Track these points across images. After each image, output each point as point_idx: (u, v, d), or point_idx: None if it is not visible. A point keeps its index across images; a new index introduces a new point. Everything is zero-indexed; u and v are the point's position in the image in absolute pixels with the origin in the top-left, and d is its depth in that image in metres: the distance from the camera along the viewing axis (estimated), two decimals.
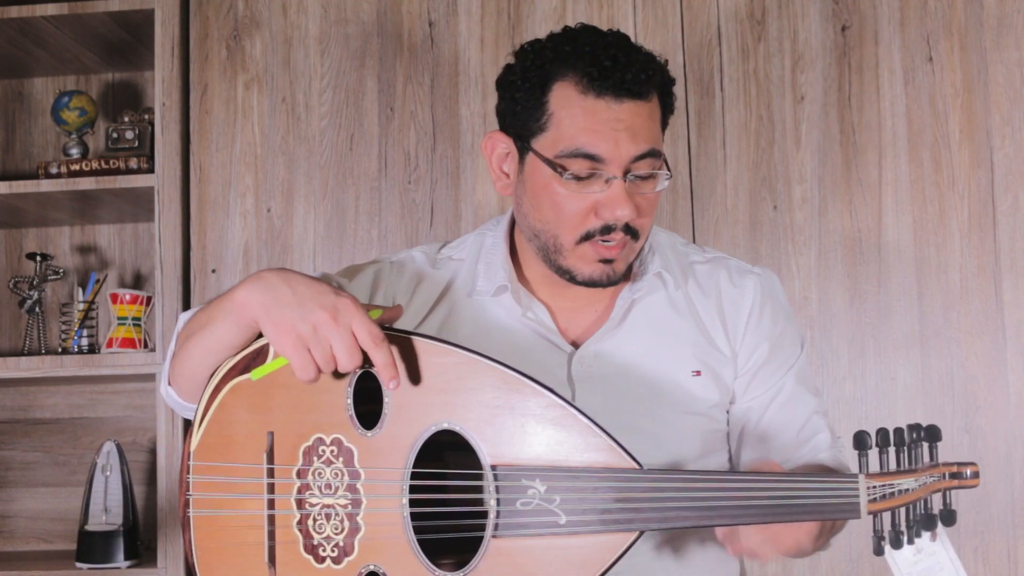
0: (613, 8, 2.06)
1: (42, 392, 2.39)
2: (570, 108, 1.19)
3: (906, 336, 1.94)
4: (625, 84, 1.17)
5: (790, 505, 1.04)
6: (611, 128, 1.17)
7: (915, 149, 1.97)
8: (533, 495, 1.07)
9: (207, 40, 2.15)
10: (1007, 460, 1.90)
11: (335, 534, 1.10)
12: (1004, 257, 1.94)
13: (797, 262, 1.98)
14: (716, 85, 2.03)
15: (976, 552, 1.90)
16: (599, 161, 1.18)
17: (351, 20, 2.13)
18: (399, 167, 2.08)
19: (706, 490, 1.05)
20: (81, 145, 2.25)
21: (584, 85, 1.18)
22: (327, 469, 1.12)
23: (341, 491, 1.11)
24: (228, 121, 2.13)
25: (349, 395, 1.12)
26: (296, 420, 1.13)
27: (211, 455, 1.15)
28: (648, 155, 1.19)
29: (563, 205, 1.20)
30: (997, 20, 1.97)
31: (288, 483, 1.12)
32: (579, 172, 1.18)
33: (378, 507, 1.09)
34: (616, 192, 1.18)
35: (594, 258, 1.22)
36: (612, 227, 1.19)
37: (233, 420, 1.15)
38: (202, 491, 1.15)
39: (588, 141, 1.17)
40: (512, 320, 1.29)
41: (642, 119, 1.19)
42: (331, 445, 1.12)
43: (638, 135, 1.18)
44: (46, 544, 2.35)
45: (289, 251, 2.09)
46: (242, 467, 1.14)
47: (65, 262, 2.40)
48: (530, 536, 1.07)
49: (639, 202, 1.20)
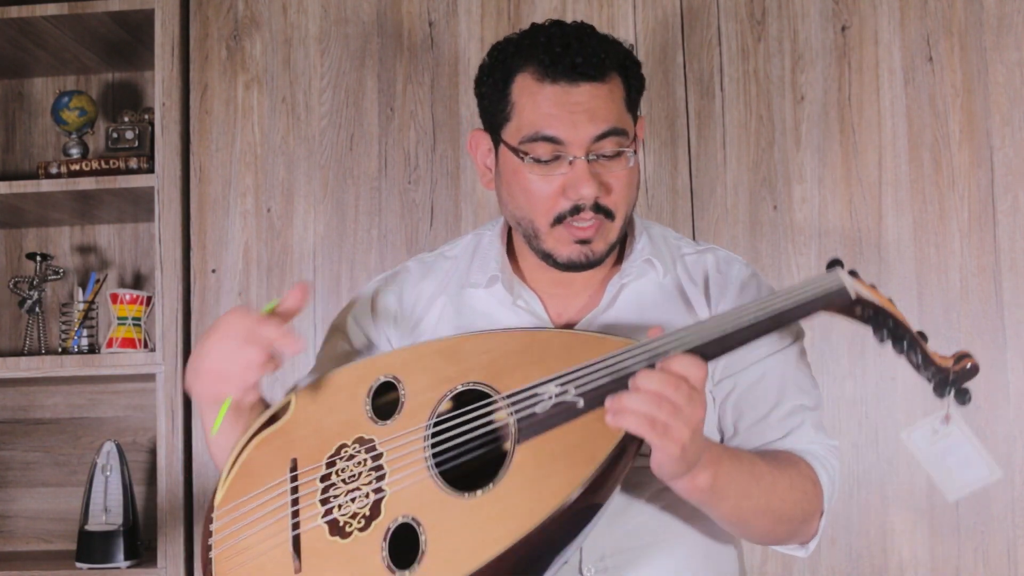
0: (613, 8, 2.06)
1: (42, 392, 2.39)
2: (529, 96, 1.24)
3: None
4: (578, 67, 1.22)
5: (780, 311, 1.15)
6: (569, 111, 1.22)
7: (915, 149, 1.97)
8: (547, 395, 1.09)
9: (207, 40, 2.15)
10: (1007, 460, 1.90)
11: (360, 509, 1.09)
12: (1004, 257, 1.94)
13: (797, 262, 1.98)
14: (716, 85, 2.03)
15: (976, 552, 1.90)
16: (560, 143, 1.22)
17: (351, 20, 2.13)
18: (399, 167, 2.08)
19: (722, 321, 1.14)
20: (81, 145, 2.25)
21: (540, 73, 1.23)
22: (350, 463, 1.12)
23: (365, 473, 1.11)
24: (228, 121, 2.13)
25: (368, 403, 1.15)
26: (319, 442, 1.14)
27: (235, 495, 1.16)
28: (610, 134, 1.23)
29: (532, 190, 1.24)
30: (997, 20, 1.97)
31: (312, 490, 1.12)
32: (541, 155, 1.23)
33: (400, 464, 1.09)
34: (579, 172, 1.22)
35: (570, 240, 1.25)
36: (581, 207, 1.23)
37: (256, 462, 1.16)
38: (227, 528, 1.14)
39: (547, 124, 1.22)
40: (504, 309, 1.31)
41: (601, 100, 1.23)
42: (353, 444, 1.13)
43: (597, 115, 1.22)
44: (46, 544, 2.35)
45: (289, 251, 2.09)
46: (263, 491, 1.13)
47: (65, 262, 2.40)
48: (552, 429, 1.08)
49: (607, 181, 1.24)
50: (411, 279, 1.40)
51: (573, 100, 1.22)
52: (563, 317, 1.32)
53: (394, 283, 1.40)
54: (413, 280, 1.39)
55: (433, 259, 1.42)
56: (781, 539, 1.25)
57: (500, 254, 1.35)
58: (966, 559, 1.89)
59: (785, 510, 1.19)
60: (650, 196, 2.01)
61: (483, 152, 1.33)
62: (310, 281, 2.08)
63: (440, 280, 1.38)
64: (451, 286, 1.36)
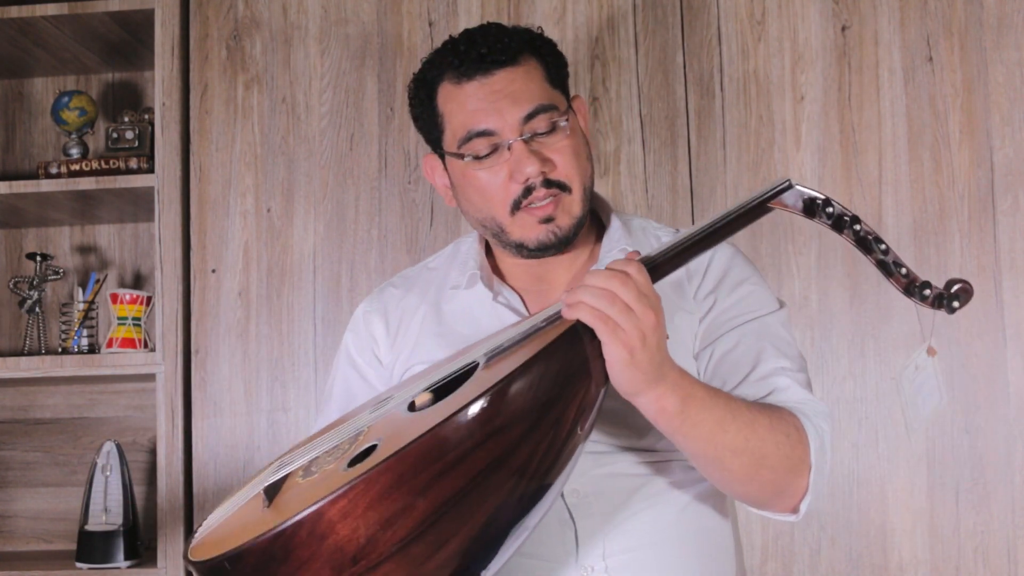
0: (613, 8, 2.06)
1: (42, 392, 2.39)
2: (452, 100, 1.28)
3: (906, 336, 1.94)
4: (485, 58, 1.26)
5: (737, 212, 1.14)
6: (490, 101, 1.25)
7: (915, 149, 1.97)
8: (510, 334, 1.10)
9: (207, 40, 2.15)
10: (1007, 460, 1.90)
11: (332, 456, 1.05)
12: (1004, 257, 1.94)
13: (797, 262, 1.98)
14: (716, 85, 2.03)
15: (976, 552, 1.90)
16: (492, 134, 1.25)
17: (351, 20, 2.13)
18: (399, 167, 2.08)
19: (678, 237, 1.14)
20: (81, 145, 2.25)
21: (455, 76, 1.28)
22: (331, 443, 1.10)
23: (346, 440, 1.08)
24: (228, 121, 2.13)
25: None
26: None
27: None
28: (538, 111, 1.26)
29: (483, 186, 1.27)
30: (997, 20, 1.97)
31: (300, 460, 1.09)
32: (480, 151, 1.26)
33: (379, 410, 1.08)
34: (518, 154, 1.24)
35: (533, 222, 1.26)
36: (531, 187, 1.25)
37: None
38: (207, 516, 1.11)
39: (475, 120, 1.26)
40: (484, 307, 1.33)
41: (519, 82, 1.27)
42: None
43: (519, 97, 1.26)
44: (46, 544, 2.35)
45: (289, 251, 2.09)
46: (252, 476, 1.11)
47: (65, 262, 2.40)
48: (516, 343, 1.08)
49: (549, 156, 1.25)
50: (394, 298, 1.42)
51: (492, 89, 1.26)
52: None
53: (378, 302, 1.43)
54: (396, 299, 1.42)
55: (416, 272, 1.46)
56: (766, 491, 1.17)
57: (479, 255, 1.37)
58: (966, 559, 1.89)
59: (766, 451, 1.13)
60: (650, 196, 2.01)
61: (439, 173, 1.37)
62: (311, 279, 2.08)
63: (421, 290, 1.41)
64: (430, 293, 1.39)
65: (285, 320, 2.08)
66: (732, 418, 1.11)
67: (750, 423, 1.12)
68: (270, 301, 2.08)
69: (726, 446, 1.11)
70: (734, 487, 1.18)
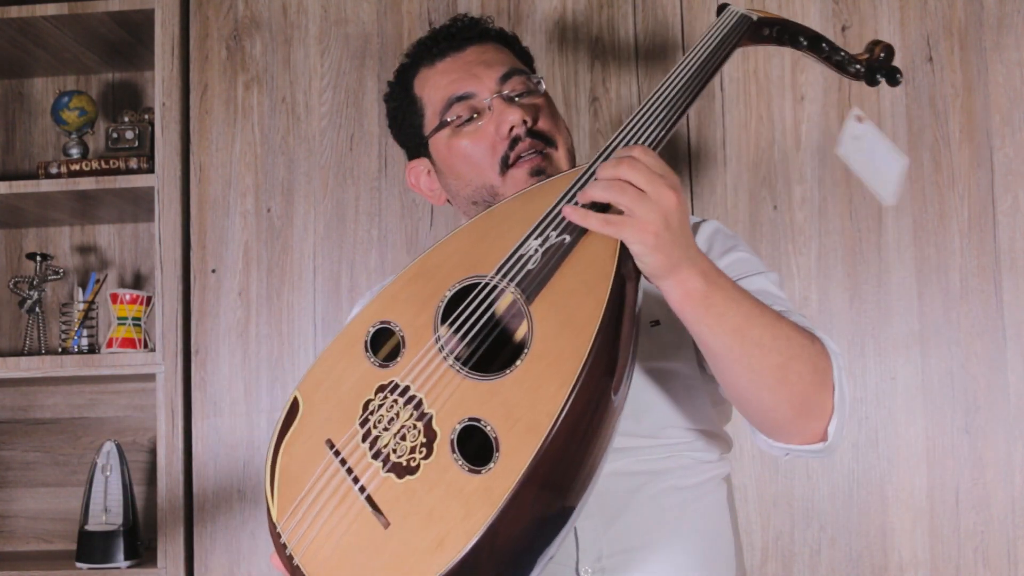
0: (613, 8, 2.06)
1: (42, 392, 2.39)
2: (429, 81, 1.33)
3: (906, 336, 1.94)
4: (456, 35, 1.33)
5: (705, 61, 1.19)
6: (465, 70, 1.30)
7: (915, 149, 1.97)
8: (532, 250, 1.08)
9: (207, 40, 2.15)
10: (1007, 460, 1.90)
11: (415, 441, 1.05)
12: (1004, 257, 1.94)
13: (797, 262, 1.98)
14: (716, 85, 2.03)
15: (976, 552, 1.90)
16: (472, 97, 1.29)
17: (351, 20, 2.13)
18: (399, 167, 2.08)
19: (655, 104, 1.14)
20: (81, 145, 2.25)
21: (429, 59, 1.34)
22: (383, 411, 1.08)
23: (402, 410, 1.07)
24: (228, 121, 2.13)
25: (369, 356, 1.11)
26: (342, 413, 1.11)
27: (289, 500, 1.11)
28: (512, 73, 1.31)
29: (470, 152, 1.29)
30: (997, 20, 1.97)
31: (360, 452, 1.07)
32: (462, 114, 1.29)
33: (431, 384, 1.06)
34: (499, 107, 1.28)
35: (524, 176, 1.27)
36: (517, 137, 1.27)
37: (294, 467, 1.11)
38: (298, 531, 1.08)
39: (453, 88, 1.30)
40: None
41: (489, 53, 1.33)
42: (377, 395, 1.09)
43: (492, 63, 1.31)
44: (46, 544, 2.35)
45: (289, 251, 2.09)
46: (316, 480, 1.08)
47: (65, 262, 2.40)
48: (553, 275, 1.06)
49: (527, 110, 1.28)
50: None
51: (465, 60, 1.31)
52: None
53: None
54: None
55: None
56: (795, 402, 1.10)
57: None
58: (966, 559, 1.90)
59: (793, 353, 1.07)
60: None
61: (424, 178, 1.39)
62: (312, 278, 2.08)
63: None
64: None
65: (285, 320, 2.08)
66: (759, 313, 1.06)
67: (776, 322, 1.07)
68: (270, 301, 2.08)
69: (753, 340, 1.05)
70: (763, 396, 1.10)
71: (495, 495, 0.95)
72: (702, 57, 1.20)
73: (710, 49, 1.21)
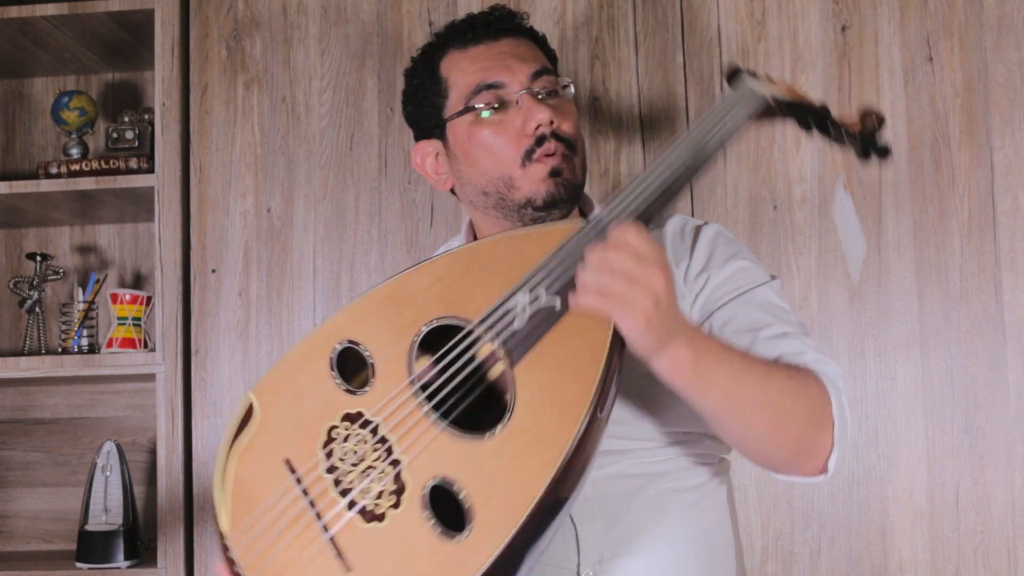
0: (613, 8, 2.06)
1: (42, 392, 2.39)
2: (459, 64, 1.31)
3: (906, 336, 1.94)
4: (493, 23, 1.31)
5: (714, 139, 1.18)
6: (498, 60, 1.29)
7: (915, 149, 1.97)
8: (522, 308, 1.07)
9: (207, 40, 2.15)
10: (1007, 460, 1.90)
11: (384, 487, 1.04)
12: (1004, 257, 1.94)
13: (797, 262, 1.98)
14: (716, 85, 2.03)
15: (976, 552, 1.90)
16: (501, 87, 1.28)
17: (351, 20, 2.13)
18: (399, 167, 2.08)
19: (658, 172, 1.15)
20: (81, 145, 2.25)
21: (462, 43, 1.32)
22: (348, 443, 1.07)
23: (370, 448, 1.06)
24: (228, 121, 2.13)
25: (335, 375, 1.10)
26: (302, 432, 1.09)
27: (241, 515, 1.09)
28: (543, 72, 1.30)
29: (492, 143, 1.28)
30: (997, 20, 1.97)
31: (324, 485, 1.06)
32: (490, 102, 1.28)
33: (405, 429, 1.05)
34: (528, 104, 1.27)
35: (544, 173, 1.26)
36: (543, 136, 1.26)
37: (248, 479, 1.10)
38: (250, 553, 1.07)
39: (484, 75, 1.29)
40: None
41: (523, 48, 1.32)
42: (342, 423, 1.08)
43: (526, 58, 1.30)
44: (46, 544, 2.35)
45: (289, 251, 2.09)
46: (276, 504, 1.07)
47: (65, 262, 2.40)
48: (541, 338, 1.06)
49: (557, 111, 1.28)
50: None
51: (499, 51, 1.30)
52: None
53: None
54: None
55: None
56: (791, 449, 1.13)
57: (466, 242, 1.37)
58: (966, 559, 1.90)
59: (786, 404, 1.10)
60: None
61: (431, 160, 1.38)
62: (312, 282, 2.08)
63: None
64: None
65: (285, 320, 2.08)
66: (748, 370, 1.07)
67: (767, 376, 1.09)
68: (270, 301, 2.08)
69: (745, 400, 1.07)
70: (758, 447, 1.14)
71: (467, 569, 0.95)
72: (711, 135, 1.19)
73: (719, 130, 1.19)
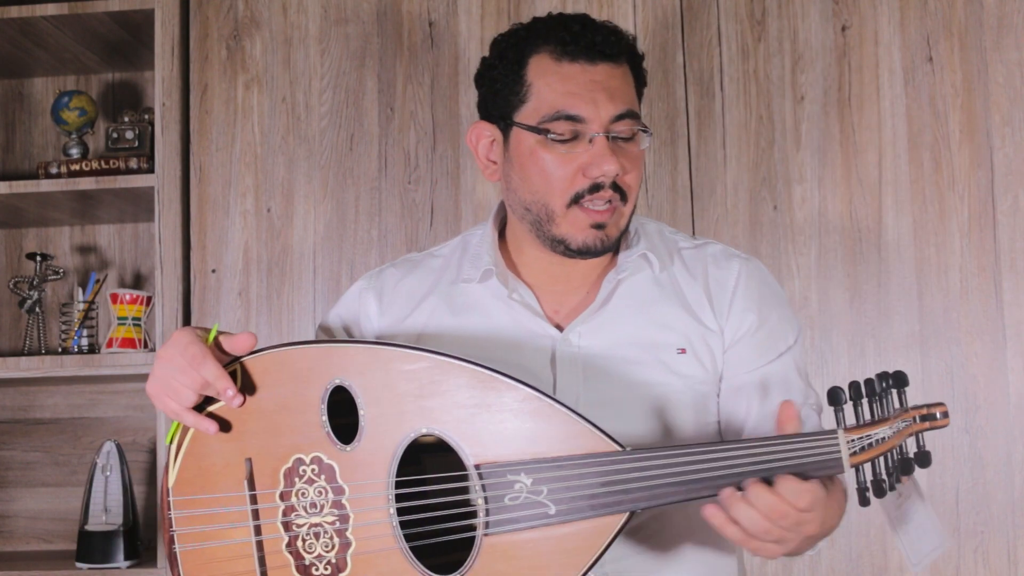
0: (613, 8, 2.06)
1: (42, 392, 2.39)
2: (547, 76, 1.24)
3: (906, 336, 1.94)
4: (596, 46, 1.23)
5: (773, 467, 1.05)
6: (588, 89, 1.22)
7: (915, 149, 1.97)
8: (520, 489, 1.08)
9: (207, 40, 2.15)
10: (1007, 460, 1.90)
11: (326, 552, 1.10)
12: (1004, 257, 1.94)
13: (797, 262, 1.98)
14: (716, 85, 2.03)
15: (976, 552, 1.90)
16: (580, 121, 1.22)
17: (351, 20, 2.13)
18: (399, 167, 2.08)
19: (690, 463, 1.06)
20: (81, 145, 2.25)
21: (558, 52, 1.24)
22: (310, 488, 1.11)
23: (327, 508, 1.11)
24: (228, 121, 2.13)
25: (323, 411, 1.13)
26: (273, 443, 1.13)
27: (190, 488, 1.15)
28: (627, 116, 1.24)
29: (550, 171, 1.23)
30: (997, 20, 1.97)
31: (273, 507, 1.12)
32: (563, 133, 1.22)
33: (366, 520, 1.10)
34: (600, 148, 1.22)
35: (586, 223, 1.23)
36: (600, 185, 1.22)
37: (208, 451, 1.15)
38: (186, 526, 1.15)
39: (568, 103, 1.22)
40: (498, 303, 1.30)
41: (617, 80, 1.25)
42: (311, 464, 1.12)
43: (615, 95, 1.23)
44: (46, 544, 2.35)
45: (289, 251, 2.09)
46: (224, 497, 1.13)
47: (65, 262, 2.40)
48: (522, 530, 1.07)
49: (623, 161, 1.23)
50: (392, 279, 1.39)
51: (592, 79, 1.23)
52: (559, 313, 1.31)
53: (377, 280, 1.40)
54: (394, 279, 1.38)
55: (421, 257, 1.42)
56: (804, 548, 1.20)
57: (493, 248, 1.33)
58: (966, 559, 1.90)
59: (827, 531, 1.17)
60: (650, 196, 2.01)
61: (485, 144, 1.32)
62: (309, 283, 2.08)
63: (429, 278, 1.37)
64: (442, 283, 1.35)
65: (285, 320, 2.08)
66: (821, 522, 1.10)
67: (829, 516, 1.14)
68: (270, 301, 2.08)
69: (807, 540, 1.12)
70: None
71: None
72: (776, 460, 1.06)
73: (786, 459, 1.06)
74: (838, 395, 1.06)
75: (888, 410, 1.06)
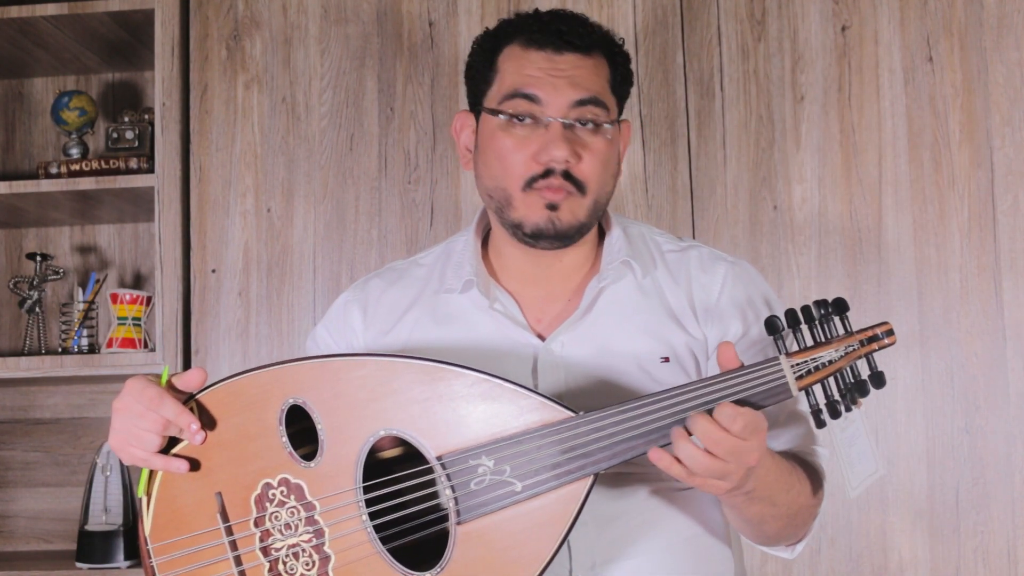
0: (613, 8, 2.06)
1: (42, 392, 2.39)
2: (514, 61, 1.26)
3: (906, 336, 1.94)
4: (563, 35, 1.24)
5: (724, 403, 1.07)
6: (550, 74, 1.24)
7: (915, 149, 1.97)
8: (484, 472, 1.09)
9: (207, 40, 2.15)
10: (1007, 460, 1.90)
11: (307, 570, 1.11)
12: (1004, 257, 1.94)
13: (797, 262, 1.98)
14: (716, 85, 2.03)
15: (976, 552, 1.90)
16: (536, 102, 1.23)
17: (351, 20, 2.13)
18: (399, 167, 2.08)
19: (643, 415, 1.08)
20: (81, 145, 2.25)
21: (527, 40, 1.26)
22: (282, 510, 1.12)
23: (302, 527, 1.11)
24: (228, 121, 2.13)
25: (283, 433, 1.13)
26: (240, 473, 1.14)
27: (167, 533, 1.16)
28: (589, 102, 1.24)
29: (506, 154, 1.24)
30: (997, 20, 1.97)
31: (249, 535, 1.13)
32: (517, 111, 1.23)
33: (341, 531, 1.11)
34: (553, 134, 1.22)
35: (539, 204, 1.23)
36: (551, 170, 1.22)
37: (178, 492, 1.16)
38: (169, 570, 1.15)
39: (526, 83, 1.24)
40: (480, 313, 1.30)
41: (584, 71, 1.25)
42: (279, 486, 1.13)
43: (578, 83, 1.24)
44: (46, 544, 2.35)
45: (289, 251, 2.09)
46: (201, 534, 1.14)
47: (65, 262, 2.40)
48: (493, 512, 1.08)
49: (581, 151, 1.23)
50: (376, 290, 1.38)
51: (556, 66, 1.24)
52: (541, 322, 1.30)
53: (361, 292, 1.39)
54: (379, 291, 1.38)
55: (406, 266, 1.41)
56: (779, 540, 1.26)
57: (475, 255, 1.33)
58: (966, 559, 1.90)
59: (798, 518, 1.21)
60: (650, 196, 2.01)
61: (466, 134, 1.34)
62: (307, 278, 2.08)
63: (412, 289, 1.37)
64: (426, 294, 1.35)
65: (285, 320, 2.08)
66: (785, 492, 1.16)
67: (796, 496, 1.20)
68: (270, 301, 2.08)
69: (771, 515, 1.18)
70: (753, 538, 1.26)
71: None
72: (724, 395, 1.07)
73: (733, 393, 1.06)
74: (775, 323, 1.07)
75: (831, 334, 1.08)
